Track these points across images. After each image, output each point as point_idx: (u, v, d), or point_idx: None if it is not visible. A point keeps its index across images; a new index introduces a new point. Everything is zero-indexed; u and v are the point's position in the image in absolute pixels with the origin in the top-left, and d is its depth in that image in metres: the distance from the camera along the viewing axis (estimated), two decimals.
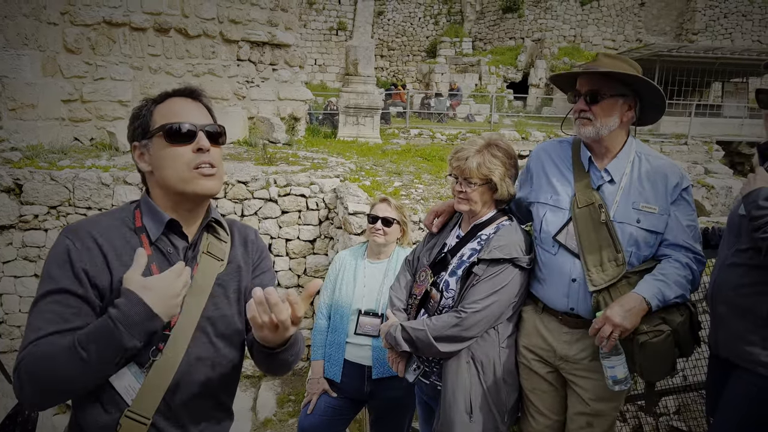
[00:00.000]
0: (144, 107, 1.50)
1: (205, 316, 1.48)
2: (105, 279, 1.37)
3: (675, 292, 1.95)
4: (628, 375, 2.00)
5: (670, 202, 2.06)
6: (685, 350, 2.02)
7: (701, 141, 16.30)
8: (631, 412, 3.56)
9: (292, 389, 6.15)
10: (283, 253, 6.63)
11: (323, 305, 3.13)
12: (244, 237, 1.66)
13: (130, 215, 1.49)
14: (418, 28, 29.81)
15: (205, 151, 1.45)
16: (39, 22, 8.00)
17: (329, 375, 2.99)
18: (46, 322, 1.31)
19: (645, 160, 2.12)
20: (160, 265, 1.43)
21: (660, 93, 2.10)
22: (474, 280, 2.15)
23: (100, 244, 1.39)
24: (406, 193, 6.66)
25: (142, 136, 1.48)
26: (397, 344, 2.23)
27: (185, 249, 1.50)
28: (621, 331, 1.90)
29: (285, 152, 8.83)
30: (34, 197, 6.14)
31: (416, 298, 2.35)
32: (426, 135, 15.14)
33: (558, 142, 2.31)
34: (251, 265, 1.64)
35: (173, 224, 1.48)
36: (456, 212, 2.46)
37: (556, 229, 2.13)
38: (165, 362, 1.41)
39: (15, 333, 6.33)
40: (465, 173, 2.21)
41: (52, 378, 1.27)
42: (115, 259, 1.39)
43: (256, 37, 10.09)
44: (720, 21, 26.15)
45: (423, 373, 2.36)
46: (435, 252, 2.40)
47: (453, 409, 2.16)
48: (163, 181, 1.46)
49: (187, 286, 1.39)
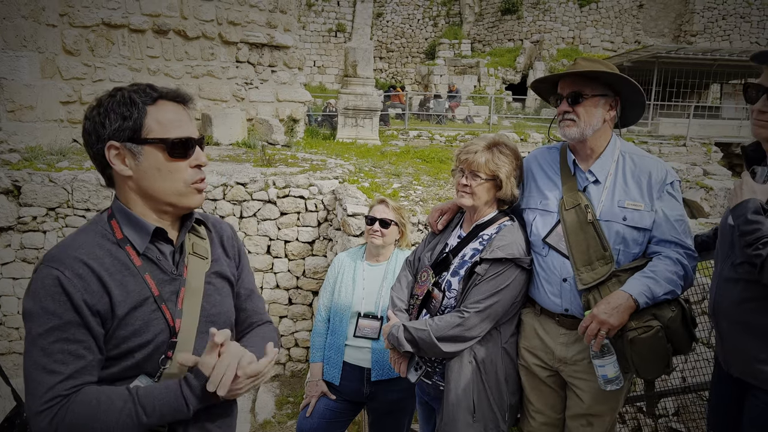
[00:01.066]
0: (131, 105, 1.39)
1: (204, 315, 1.49)
2: (105, 303, 1.33)
3: (664, 289, 1.95)
4: (620, 374, 1.99)
5: (656, 198, 2.08)
6: (681, 347, 2.00)
7: (700, 142, 16.33)
8: (630, 413, 3.56)
9: (290, 391, 6.15)
10: (281, 255, 6.63)
11: (322, 308, 3.12)
12: (220, 235, 1.66)
13: (107, 227, 1.42)
14: (417, 30, 29.84)
15: (203, 166, 1.46)
16: (38, 23, 8.00)
17: (328, 377, 2.99)
18: (60, 364, 1.28)
19: (630, 159, 2.15)
20: (153, 274, 1.42)
21: (639, 90, 2.14)
22: (476, 279, 2.16)
23: (90, 267, 1.33)
24: (405, 195, 6.66)
25: (128, 139, 1.38)
26: (400, 345, 2.23)
27: (172, 253, 1.48)
28: (608, 328, 1.91)
29: (284, 154, 8.83)
30: (32, 199, 6.13)
31: (418, 299, 2.36)
32: (425, 136, 15.16)
33: (547, 149, 2.37)
34: (233, 261, 1.66)
35: (158, 232, 1.45)
36: (458, 213, 2.47)
37: (546, 232, 2.17)
38: (174, 368, 1.41)
39: (13, 335, 6.32)
40: (472, 167, 2.23)
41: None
42: (109, 278, 1.34)
43: (255, 38, 10.10)
44: (718, 23, 26.20)
45: (425, 373, 2.36)
46: (437, 252, 2.40)
47: (456, 408, 2.17)
48: (152, 192, 1.42)
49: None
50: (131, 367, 1.38)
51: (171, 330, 1.41)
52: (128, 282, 1.37)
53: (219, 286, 1.57)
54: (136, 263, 1.40)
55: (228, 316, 1.58)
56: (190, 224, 1.53)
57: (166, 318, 1.41)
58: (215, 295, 1.54)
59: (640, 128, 18.06)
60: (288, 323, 6.72)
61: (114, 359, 1.36)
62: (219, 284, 1.57)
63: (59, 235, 6.26)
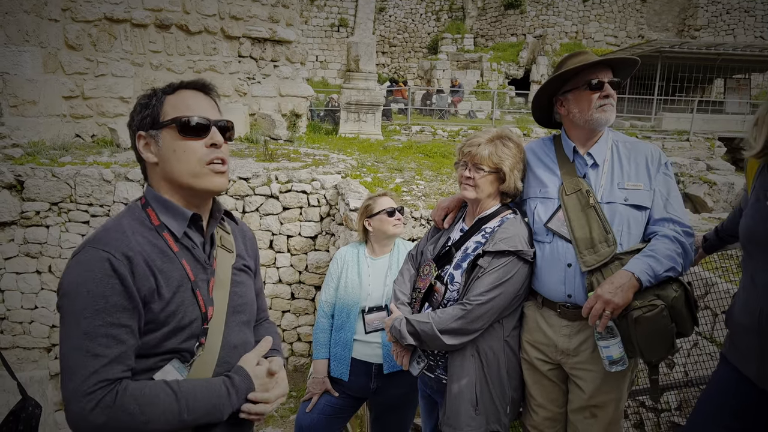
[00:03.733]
0: (153, 96, 1.46)
1: (231, 305, 1.53)
2: (151, 286, 1.34)
3: (665, 266, 1.96)
4: (624, 355, 2.00)
5: (653, 177, 2.13)
6: (684, 328, 2.00)
7: (703, 137, 16.26)
8: (632, 408, 3.56)
9: (293, 386, 6.17)
10: (284, 250, 6.64)
11: (325, 303, 3.10)
12: (243, 232, 1.72)
13: (143, 214, 1.44)
14: (420, 25, 29.74)
15: (218, 146, 1.46)
16: (40, 18, 8.00)
17: (336, 374, 2.97)
18: (104, 348, 1.27)
19: (622, 145, 2.22)
20: (188, 262, 1.44)
21: (635, 61, 2.24)
22: (479, 272, 2.16)
23: (137, 250, 1.34)
24: (408, 190, 6.66)
25: (150, 126, 1.44)
26: (402, 337, 2.24)
27: (202, 244, 1.51)
28: (613, 308, 1.91)
29: (286, 149, 8.83)
30: (35, 194, 6.15)
31: (420, 292, 2.36)
32: (427, 132, 15.11)
33: (541, 140, 2.41)
34: (253, 260, 1.71)
35: (193, 219, 1.47)
36: (461, 207, 2.48)
37: (547, 217, 2.19)
38: (206, 355, 1.44)
39: (17, 329, 6.35)
40: (476, 159, 2.24)
41: (142, 425, 1.29)
42: (152, 263, 1.36)
43: (258, 33, 10.08)
44: (722, 17, 26.06)
45: (428, 367, 2.36)
46: (439, 246, 2.41)
47: (459, 401, 2.18)
48: (172, 175, 1.44)
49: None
50: (168, 351, 1.39)
51: (203, 317, 1.44)
52: (168, 267, 1.39)
53: (244, 279, 1.62)
54: (174, 249, 1.42)
55: (252, 306, 1.64)
56: (219, 215, 1.57)
57: (200, 305, 1.44)
58: (241, 287, 1.59)
59: (644, 123, 18.00)
60: (291, 318, 6.73)
61: (153, 343, 1.37)
62: (243, 277, 1.62)
63: (62, 230, 6.28)
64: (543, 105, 2.37)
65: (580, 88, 2.16)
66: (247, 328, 1.60)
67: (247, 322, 1.60)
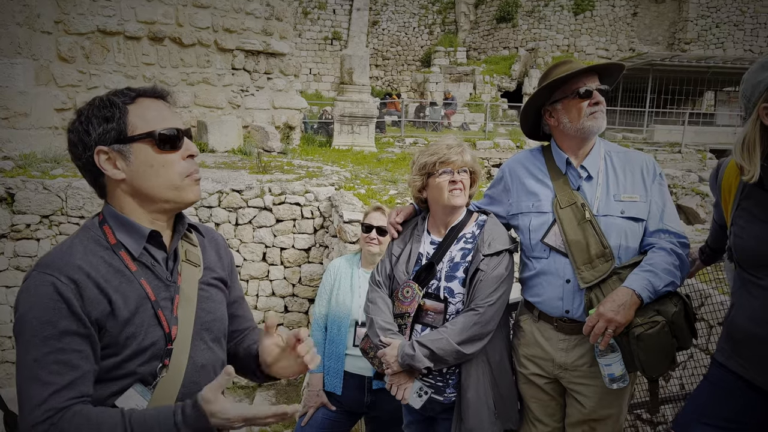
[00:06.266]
0: (114, 107, 1.37)
1: (199, 323, 1.46)
2: (103, 309, 1.29)
3: (664, 281, 1.95)
4: (626, 372, 1.98)
5: (649, 188, 2.11)
6: (683, 342, 1.99)
7: (695, 149, 16.40)
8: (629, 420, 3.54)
9: (287, 400, 6.10)
10: (277, 262, 6.60)
11: (319, 316, 3.06)
12: (215, 242, 1.64)
13: (99, 233, 1.38)
14: (413, 38, 29.94)
15: (194, 156, 1.43)
16: (32, 30, 7.98)
17: (329, 388, 2.93)
18: (55, 375, 1.22)
19: (615, 156, 2.18)
20: (148, 280, 1.38)
21: (620, 66, 2.25)
22: (481, 276, 2.15)
23: (87, 272, 1.28)
24: (402, 202, 6.64)
25: (115, 140, 1.36)
26: (417, 361, 2.11)
27: (165, 260, 1.44)
28: (615, 326, 1.90)
29: (280, 161, 8.81)
30: (26, 206, 6.09)
31: (409, 316, 2.24)
32: (421, 144, 15.16)
33: (529, 152, 2.36)
34: (227, 269, 1.63)
35: (152, 236, 1.41)
36: (412, 218, 2.43)
37: (543, 232, 2.15)
38: (170, 377, 1.37)
39: (6, 344, 6.26)
40: (465, 165, 2.24)
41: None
42: (106, 284, 1.30)
43: (251, 46, 10.11)
44: (712, 30, 26.38)
45: (436, 391, 2.24)
46: (411, 264, 2.31)
47: (479, 409, 2.16)
48: (148, 190, 1.38)
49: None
50: (128, 374, 1.33)
51: (167, 337, 1.37)
52: (125, 288, 1.33)
53: (212, 294, 1.54)
54: (132, 268, 1.36)
55: (222, 323, 1.55)
56: (183, 229, 1.50)
57: (162, 325, 1.37)
58: (209, 303, 1.51)
59: (635, 135, 18.14)
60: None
61: (112, 368, 1.32)
62: (212, 292, 1.54)
63: (53, 243, 6.22)
64: (530, 117, 2.33)
65: (569, 97, 2.12)
66: (217, 345, 1.52)
67: (217, 339, 1.52)
